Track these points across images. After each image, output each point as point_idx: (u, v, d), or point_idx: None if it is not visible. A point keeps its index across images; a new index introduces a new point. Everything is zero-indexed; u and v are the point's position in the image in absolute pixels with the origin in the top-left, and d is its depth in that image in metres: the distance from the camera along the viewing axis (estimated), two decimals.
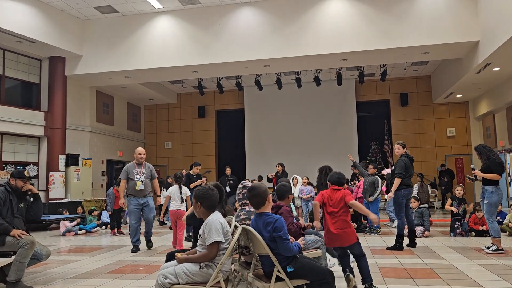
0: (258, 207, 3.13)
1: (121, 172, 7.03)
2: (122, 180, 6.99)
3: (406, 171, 6.63)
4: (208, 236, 2.96)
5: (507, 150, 12.99)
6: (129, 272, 5.31)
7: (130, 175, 6.92)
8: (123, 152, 15.94)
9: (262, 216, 3.11)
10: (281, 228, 2.97)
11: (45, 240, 8.72)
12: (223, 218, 3.10)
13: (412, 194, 6.89)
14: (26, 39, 10.78)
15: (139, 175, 6.92)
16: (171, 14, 11.85)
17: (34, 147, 12.21)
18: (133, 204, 6.88)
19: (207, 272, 2.97)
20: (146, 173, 7.01)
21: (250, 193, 3.13)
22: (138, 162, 7.06)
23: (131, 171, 6.94)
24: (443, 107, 15.98)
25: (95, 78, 12.86)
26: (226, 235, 3.03)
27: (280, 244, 2.97)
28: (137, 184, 6.84)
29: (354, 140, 16.16)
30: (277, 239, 2.96)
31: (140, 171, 6.97)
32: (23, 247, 4.36)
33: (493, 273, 4.82)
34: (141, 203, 6.93)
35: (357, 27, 10.76)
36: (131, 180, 6.91)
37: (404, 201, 6.64)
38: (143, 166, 7.05)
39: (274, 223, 2.99)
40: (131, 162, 7.15)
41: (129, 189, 6.91)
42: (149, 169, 7.12)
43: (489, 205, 6.14)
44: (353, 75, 15.44)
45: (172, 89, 17.43)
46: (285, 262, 3.02)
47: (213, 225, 2.97)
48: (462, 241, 7.37)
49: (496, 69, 10.92)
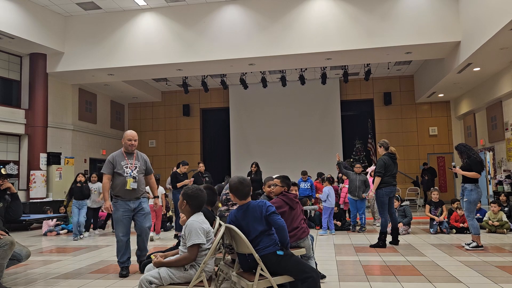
0: (246, 198, 3.24)
1: (104, 164, 5.11)
2: (105, 175, 5.06)
3: (386, 170, 6.70)
4: (188, 238, 2.96)
5: (487, 149, 13.27)
6: (112, 272, 5.25)
7: (117, 168, 5.05)
8: (106, 151, 15.74)
9: (248, 205, 3.21)
10: (272, 207, 3.15)
11: (26, 240, 8.57)
12: (205, 220, 3.08)
13: (395, 192, 6.97)
14: (6, 35, 10.55)
15: (130, 169, 5.08)
16: (155, 11, 11.74)
17: (14, 146, 11.97)
18: (121, 209, 5.00)
19: (191, 273, 2.97)
20: (140, 166, 5.19)
21: (242, 185, 3.21)
22: (127, 150, 5.16)
23: (119, 163, 5.06)
24: (425, 107, 16.22)
25: (77, 75, 12.66)
26: (208, 236, 3.02)
27: (275, 221, 3.10)
28: (128, 182, 5.00)
29: (338, 139, 16.30)
30: (272, 216, 3.10)
31: (132, 164, 5.12)
32: (2, 248, 4.27)
33: (473, 270, 4.92)
34: (132, 208, 5.06)
35: (341, 27, 10.84)
36: (119, 176, 5.04)
37: (386, 199, 6.73)
38: (134, 157, 5.19)
39: (264, 204, 3.15)
40: (118, 151, 5.21)
41: (115, 188, 5.06)
42: (144, 160, 5.28)
43: (468, 203, 6.26)
44: (338, 74, 15.56)
45: (156, 87, 17.28)
46: (275, 248, 3.10)
47: (193, 227, 2.97)
48: (443, 238, 7.50)
49: (477, 69, 11.14)
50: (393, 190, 6.77)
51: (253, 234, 3.12)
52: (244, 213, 3.19)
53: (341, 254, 6.12)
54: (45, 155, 11.98)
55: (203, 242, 2.95)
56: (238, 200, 3.26)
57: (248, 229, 3.13)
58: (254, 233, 3.12)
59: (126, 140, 5.14)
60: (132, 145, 5.13)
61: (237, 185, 3.22)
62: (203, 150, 17.71)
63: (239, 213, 3.23)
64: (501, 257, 5.60)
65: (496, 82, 11.80)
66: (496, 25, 8.29)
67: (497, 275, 4.61)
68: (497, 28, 8.23)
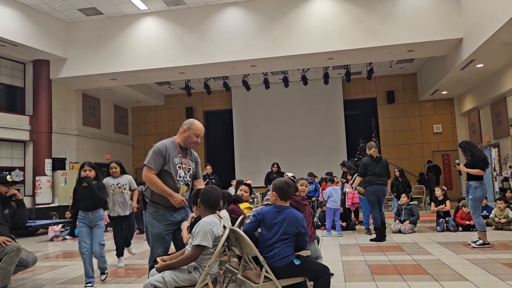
0: (287, 200, 3.28)
1: (152, 155, 3.55)
2: (151, 170, 3.51)
3: (366, 170, 7.26)
4: (196, 237, 2.95)
5: (492, 145, 13.19)
6: (118, 276, 5.27)
7: (168, 165, 3.57)
8: (111, 155, 15.79)
9: (286, 208, 3.23)
10: (305, 226, 3.23)
11: (32, 246, 8.61)
12: (218, 224, 3.06)
13: (382, 191, 7.26)
14: (9, 43, 10.62)
15: (184, 171, 3.65)
16: (156, 15, 11.77)
17: (19, 152, 12.04)
18: (164, 222, 3.55)
19: (195, 276, 2.98)
20: (193, 169, 3.78)
21: (288, 185, 3.27)
22: (185, 145, 3.73)
23: (172, 159, 3.60)
24: (429, 104, 16.16)
25: (80, 81, 12.72)
26: (216, 241, 3.01)
27: (303, 239, 3.20)
28: (181, 190, 3.60)
29: (342, 138, 16.27)
30: (302, 235, 3.18)
31: (186, 164, 3.69)
32: (9, 254, 4.30)
33: (479, 267, 4.89)
34: (177, 221, 3.60)
35: (342, 26, 10.82)
36: (168, 176, 3.56)
37: (373, 198, 7.22)
38: (188, 154, 3.77)
39: (301, 220, 3.19)
40: (170, 141, 3.71)
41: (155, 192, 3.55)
42: (196, 161, 3.86)
43: (473, 200, 6.24)
44: (340, 73, 15.53)
45: (159, 91, 17.33)
46: (292, 256, 3.13)
47: (203, 228, 2.95)
48: (449, 236, 7.47)
49: (480, 65, 11.08)
50: (378, 188, 7.20)
51: (278, 237, 3.12)
52: (280, 214, 3.19)
53: (347, 254, 6.10)
54: (50, 161, 12.04)
55: (208, 245, 2.94)
56: (279, 200, 3.26)
57: (277, 229, 3.14)
58: (280, 236, 3.12)
59: (192, 133, 3.69)
60: (196, 142, 3.74)
61: (283, 184, 3.27)
62: (207, 152, 17.73)
63: (274, 211, 3.23)
64: (508, 255, 5.57)
65: (500, 78, 11.73)
66: (498, 21, 8.24)
67: (504, 273, 4.59)
68: (500, 24, 8.18)
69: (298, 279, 3.17)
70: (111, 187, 5.90)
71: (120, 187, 5.94)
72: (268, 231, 3.15)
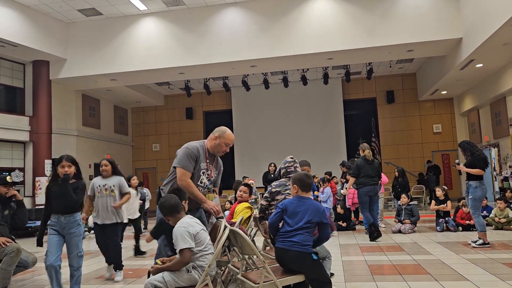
0: (308, 191, 3.38)
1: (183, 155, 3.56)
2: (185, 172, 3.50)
3: (360, 172, 7.46)
4: (176, 244, 3.00)
5: (492, 145, 13.20)
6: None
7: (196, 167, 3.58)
8: (111, 156, 15.78)
9: (309, 200, 3.32)
10: (327, 217, 3.35)
11: (32, 247, 8.59)
12: (191, 223, 3.08)
13: (374, 191, 7.46)
14: (9, 43, 10.62)
15: (207, 179, 3.69)
16: (156, 15, 11.77)
17: (19, 153, 12.03)
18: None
19: (194, 275, 3.00)
20: (215, 177, 3.83)
21: (307, 176, 3.39)
22: (214, 152, 3.74)
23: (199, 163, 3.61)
24: (428, 104, 16.16)
25: (80, 81, 12.72)
26: (197, 237, 3.04)
27: (326, 229, 3.28)
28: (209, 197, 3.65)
29: (342, 138, 16.27)
30: (324, 225, 3.25)
31: (211, 172, 3.72)
32: (8, 255, 4.30)
33: (479, 267, 4.89)
34: None
35: (342, 26, 10.82)
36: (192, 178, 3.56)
37: (365, 198, 7.43)
38: (215, 163, 3.80)
39: (323, 211, 3.29)
40: (200, 144, 3.70)
41: None
42: (220, 170, 3.92)
43: (473, 200, 6.24)
44: (340, 73, 15.53)
45: (159, 91, 17.33)
46: (312, 249, 3.21)
47: (177, 233, 3.00)
48: (449, 236, 7.47)
49: (479, 65, 11.09)
50: (371, 189, 7.42)
51: (301, 225, 3.18)
52: (303, 204, 3.26)
53: (347, 254, 6.10)
54: (50, 162, 12.03)
55: (190, 246, 2.96)
56: (300, 192, 3.34)
57: (300, 217, 3.20)
58: (303, 224, 3.18)
59: (222, 141, 3.64)
60: (225, 152, 3.72)
61: (302, 176, 3.38)
62: None
63: (297, 201, 3.29)
64: (508, 254, 5.57)
65: (499, 78, 11.73)
66: (498, 21, 8.24)
67: (504, 273, 4.58)
68: (499, 24, 8.18)
69: (299, 277, 3.14)
70: (97, 188, 5.09)
71: (107, 189, 5.06)
72: (292, 219, 3.22)
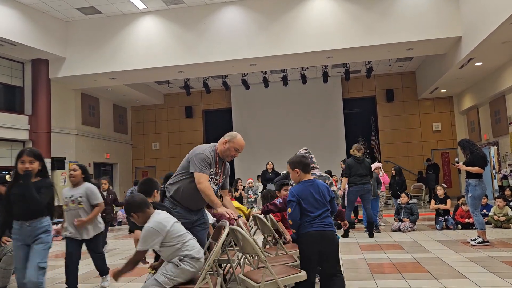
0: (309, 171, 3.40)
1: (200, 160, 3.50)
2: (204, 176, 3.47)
3: (351, 171, 7.57)
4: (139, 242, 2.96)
5: (491, 143, 13.21)
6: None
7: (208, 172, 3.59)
8: (110, 155, 15.79)
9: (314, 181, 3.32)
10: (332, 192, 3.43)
11: None
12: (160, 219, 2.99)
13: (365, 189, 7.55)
14: (8, 42, 10.60)
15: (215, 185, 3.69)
16: (155, 14, 11.76)
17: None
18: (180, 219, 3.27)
19: (186, 267, 2.95)
20: (224, 180, 3.84)
21: (305, 157, 3.42)
22: (223, 157, 3.71)
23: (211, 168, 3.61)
24: (428, 102, 16.16)
25: (79, 80, 12.70)
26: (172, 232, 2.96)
27: (334, 203, 3.34)
28: None
29: (341, 137, 16.27)
30: (332, 199, 3.32)
31: (219, 176, 3.75)
32: (8, 254, 4.30)
33: (479, 265, 4.90)
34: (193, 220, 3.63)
35: (341, 25, 10.82)
36: None
37: (353, 197, 7.63)
38: (223, 167, 3.82)
39: (329, 187, 3.36)
40: (212, 149, 3.68)
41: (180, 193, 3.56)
42: (227, 174, 3.89)
43: (473, 198, 6.25)
44: (339, 72, 15.53)
45: (158, 90, 17.31)
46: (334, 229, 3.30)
47: (145, 232, 2.93)
48: (449, 234, 7.48)
49: (479, 63, 11.09)
50: (361, 188, 7.53)
51: (325, 208, 3.22)
52: (313, 187, 3.25)
53: (347, 253, 6.11)
54: (49, 161, 12.03)
55: (145, 249, 2.92)
56: (303, 174, 3.32)
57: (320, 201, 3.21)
58: (324, 206, 3.22)
59: (232, 146, 3.63)
60: (234, 156, 3.71)
61: (300, 158, 3.37)
62: None
63: (306, 187, 3.25)
64: (507, 252, 5.58)
65: (499, 76, 11.73)
66: (497, 19, 8.24)
67: (503, 271, 4.60)
68: (499, 22, 8.18)
69: (300, 276, 3.14)
70: (64, 201, 4.53)
71: (74, 201, 4.45)
72: (312, 206, 3.19)
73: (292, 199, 3.21)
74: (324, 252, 3.16)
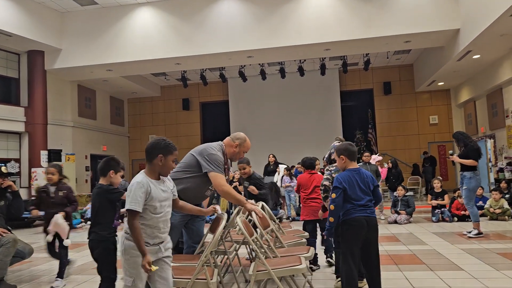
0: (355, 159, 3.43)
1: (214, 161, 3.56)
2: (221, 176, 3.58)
3: None
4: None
5: (488, 136, 13.25)
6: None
7: None
8: (107, 147, 15.75)
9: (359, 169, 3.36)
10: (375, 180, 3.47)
11: (29, 238, 8.60)
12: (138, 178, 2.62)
13: None
14: (3, 33, 10.49)
15: None
16: (152, 5, 11.66)
17: (15, 144, 11.97)
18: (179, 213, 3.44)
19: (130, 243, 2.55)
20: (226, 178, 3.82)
21: (352, 145, 3.43)
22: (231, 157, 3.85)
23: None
24: (425, 95, 16.17)
25: (75, 72, 12.62)
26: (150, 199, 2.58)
27: (379, 194, 3.40)
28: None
29: (338, 129, 16.26)
30: (377, 187, 3.38)
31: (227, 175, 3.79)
32: (5, 245, 4.29)
33: (474, 257, 4.94)
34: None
35: (339, 17, 10.76)
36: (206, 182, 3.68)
37: None
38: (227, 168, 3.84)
39: (372, 176, 3.41)
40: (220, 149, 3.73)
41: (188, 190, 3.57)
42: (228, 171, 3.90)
43: (467, 190, 6.28)
44: (337, 64, 15.49)
45: (155, 82, 17.24)
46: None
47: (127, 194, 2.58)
48: (445, 226, 7.52)
49: (476, 56, 11.08)
50: None
51: (366, 198, 3.26)
52: (358, 175, 3.29)
53: None
54: (45, 152, 11.99)
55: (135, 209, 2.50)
56: (349, 162, 3.36)
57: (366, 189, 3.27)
58: (367, 197, 3.26)
59: (241, 150, 3.79)
60: (241, 157, 3.90)
61: (347, 146, 3.40)
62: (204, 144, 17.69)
63: (352, 175, 3.29)
64: (503, 244, 5.62)
65: (496, 69, 11.73)
66: (495, 11, 8.21)
67: (498, 262, 4.63)
68: (497, 15, 8.15)
69: (298, 270, 3.15)
70: None
71: None
72: (356, 194, 3.23)
73: (339, 186, 3.23)
74: (369, 238, 3.23)
